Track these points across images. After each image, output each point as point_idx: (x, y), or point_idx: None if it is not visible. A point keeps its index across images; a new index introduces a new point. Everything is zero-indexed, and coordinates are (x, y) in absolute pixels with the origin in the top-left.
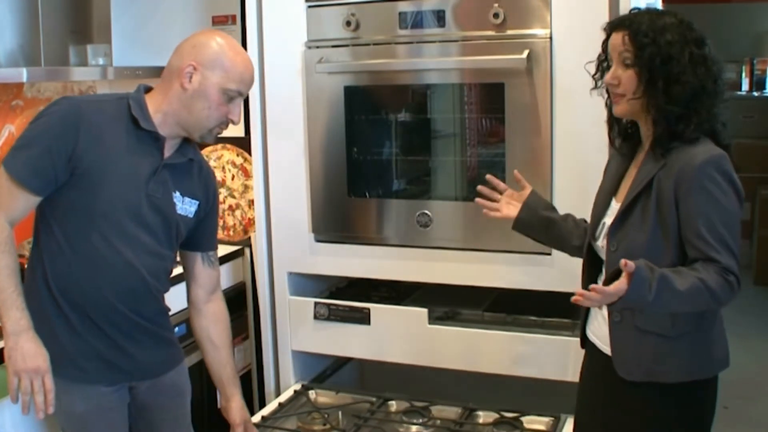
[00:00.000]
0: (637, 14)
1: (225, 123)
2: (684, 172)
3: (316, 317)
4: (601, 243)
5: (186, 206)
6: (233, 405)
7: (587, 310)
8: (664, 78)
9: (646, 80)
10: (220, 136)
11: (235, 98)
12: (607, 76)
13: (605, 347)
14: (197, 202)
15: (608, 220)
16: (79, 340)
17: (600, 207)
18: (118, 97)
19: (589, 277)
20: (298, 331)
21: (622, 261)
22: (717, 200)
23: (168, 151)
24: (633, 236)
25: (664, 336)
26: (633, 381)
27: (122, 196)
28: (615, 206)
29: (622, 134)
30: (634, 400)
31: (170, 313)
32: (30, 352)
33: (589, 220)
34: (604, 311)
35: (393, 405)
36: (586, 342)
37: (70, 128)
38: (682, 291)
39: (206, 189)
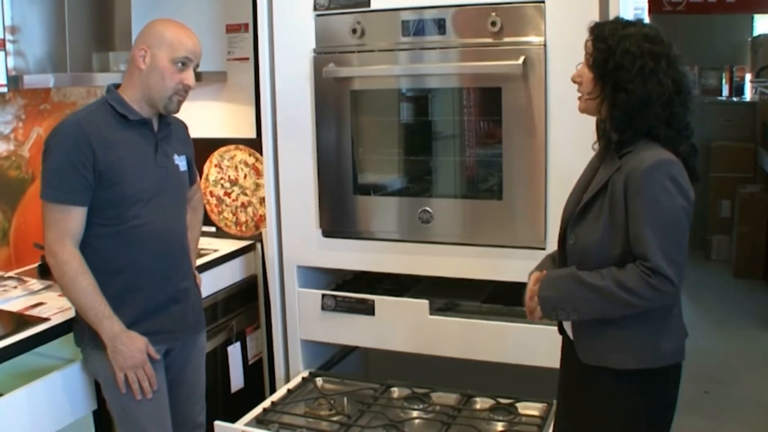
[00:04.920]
0: (607, 22)
1: (182, 89)
2: (633, 174)
3: (323, 308)
4: None
5: (182, 162)
6: None
7: None
8: (613, 84)
9: (600, 83)
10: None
11: (186, 64)
12: (573, 73)
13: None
14: (185, 156)
15: None
16: (129, 312)
17: (573, 201)
18: (98, 103)
19: (563, 265)
20: (307, 321)
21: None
22: (660, 203)
23: (155, 127)
24: (588, 232)
25: (616, 324)
26: (591, 365)
27: (142, 178)
28: None
29: (600, 134)
30: (592, 383)
31: None
32: (128, 353)
33: None
34: None
35: (395, 391)
36: (562, 329)
37: (83, 142)
38: (594, 284)
39: (186, 140)
